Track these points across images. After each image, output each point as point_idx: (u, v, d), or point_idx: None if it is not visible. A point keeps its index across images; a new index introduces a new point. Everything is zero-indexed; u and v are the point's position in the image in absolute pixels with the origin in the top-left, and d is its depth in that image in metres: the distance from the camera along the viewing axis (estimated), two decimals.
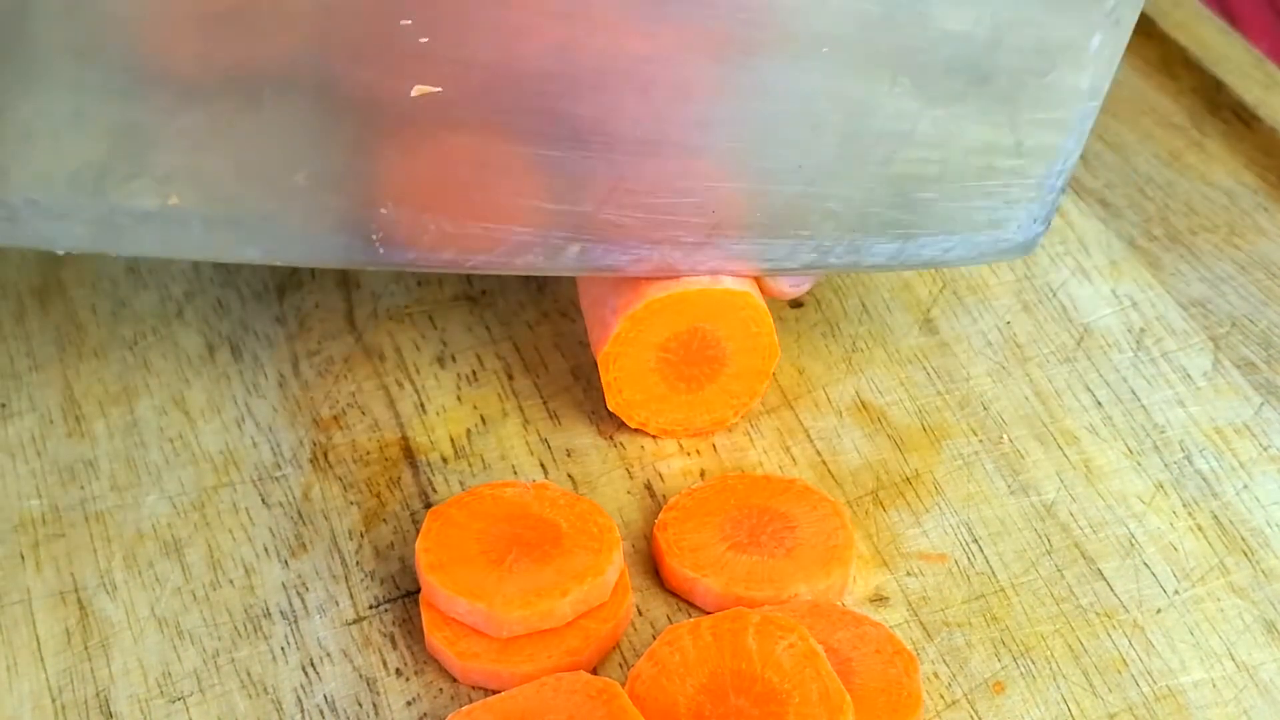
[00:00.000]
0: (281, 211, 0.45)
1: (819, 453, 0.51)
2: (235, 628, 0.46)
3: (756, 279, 0.50)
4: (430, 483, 0.50)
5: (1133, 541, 0.49)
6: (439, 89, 0.43)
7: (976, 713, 0.44)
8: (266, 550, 0.48)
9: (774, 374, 0.54)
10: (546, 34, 0.42)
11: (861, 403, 0.53)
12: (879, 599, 0.47)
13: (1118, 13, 0.46)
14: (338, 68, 0.42)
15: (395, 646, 0.45)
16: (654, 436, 0.52)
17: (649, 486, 0.50)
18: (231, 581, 0.47)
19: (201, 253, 0.46)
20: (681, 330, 0.49)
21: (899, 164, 0.47)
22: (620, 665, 0.45)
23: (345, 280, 0.57)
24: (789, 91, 0.45)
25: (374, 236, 0.45)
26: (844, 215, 0.48)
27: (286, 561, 0.48)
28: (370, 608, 0.46)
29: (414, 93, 0.43)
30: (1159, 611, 0.47)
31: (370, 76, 0.43)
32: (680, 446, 0.51)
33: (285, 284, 0.57)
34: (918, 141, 0.47)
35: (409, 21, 0.41)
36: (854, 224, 0.49)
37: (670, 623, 0.45)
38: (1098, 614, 0.46)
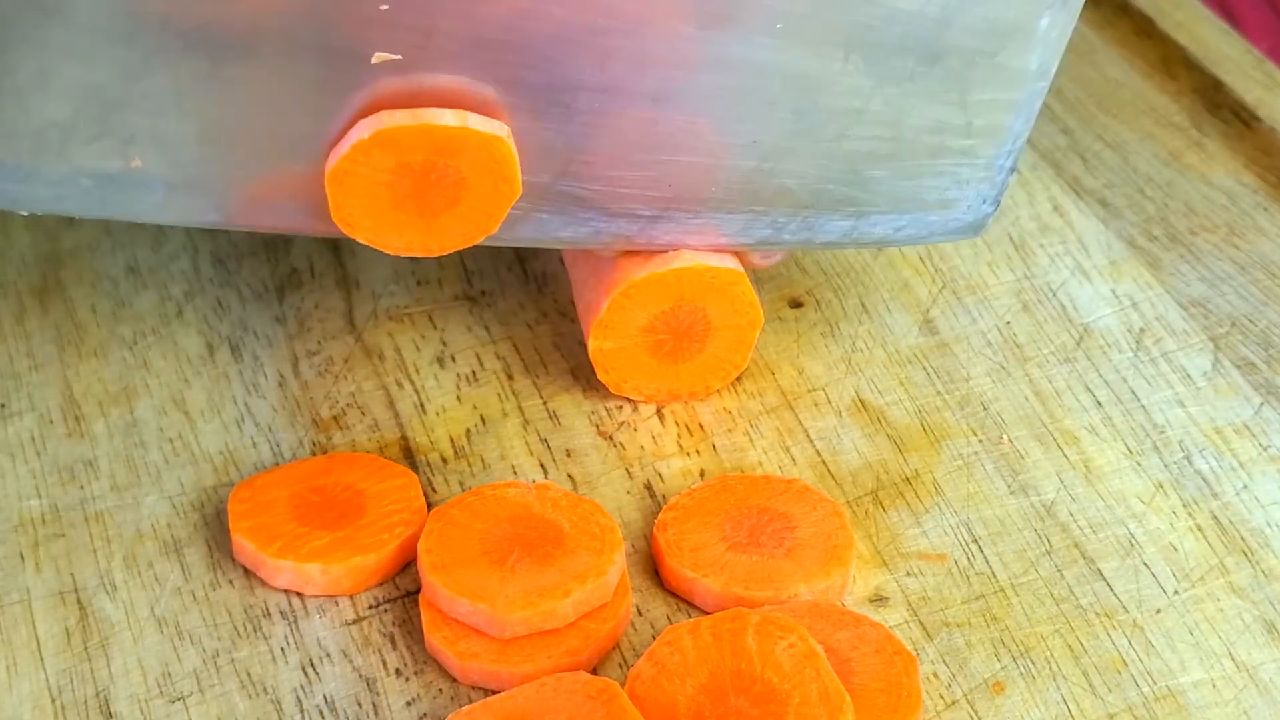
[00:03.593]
0: (241, 176, 0.46)
1: (819, 453, 0.51)
2: (235, 628, 0.46)
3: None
4: (430, 483, 0.50)
5: (1133, 541, 0.49)
6: (398, 56, 0.43)
7: (976, 713, 0.44)
8: None
9: (774, 374, 0.54)
10: (507, 1, 0.43)
11: (861, 403, 0.53)
12: (879, 599, 0.47)
13: None
14: (300, 32, 0.43)
15: (395, 646, 0.45)
16: (648, 404, 0.53)
17: (649, 486, 0.50)
18: (231, 582, 0.47)
19: (162, 216, 0.47)
20: (666, 308, 0.50)
21: (851, 141, 0.48)
22: (620, 665, 0.45)
23: (345, 280, 0.57)
24: (744, 66, 0.46)
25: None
26: (798, 192, 0.49)
27: None
28: (370, 608, 0.46)
29: (374, 60, 0.43)
30: (1159, 612, 0.47)
31: (332, 41, 0.43)
32: (680, 446, 0.51)
33: (285, 284, 0.57)
34: (870, 119, 0.48)
35: None
36: (808, 200, 0.50)
37: (670, 623, 0.45)
38: (1098, 614, 0.46)
